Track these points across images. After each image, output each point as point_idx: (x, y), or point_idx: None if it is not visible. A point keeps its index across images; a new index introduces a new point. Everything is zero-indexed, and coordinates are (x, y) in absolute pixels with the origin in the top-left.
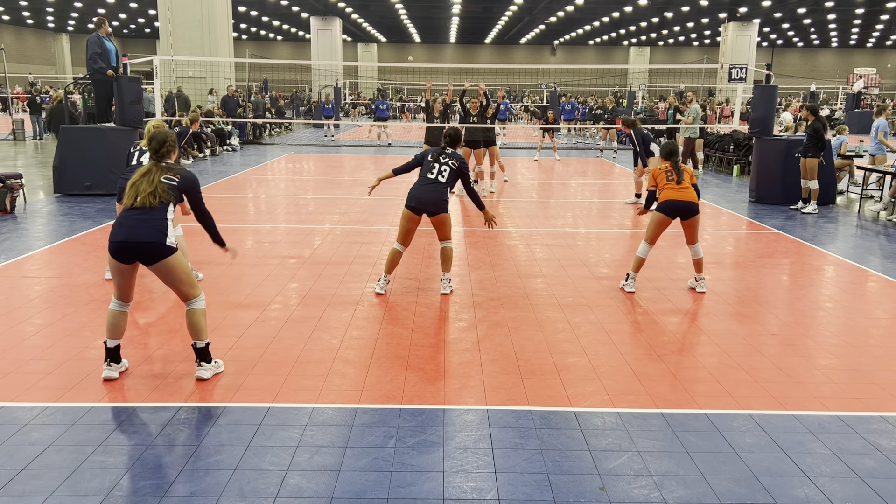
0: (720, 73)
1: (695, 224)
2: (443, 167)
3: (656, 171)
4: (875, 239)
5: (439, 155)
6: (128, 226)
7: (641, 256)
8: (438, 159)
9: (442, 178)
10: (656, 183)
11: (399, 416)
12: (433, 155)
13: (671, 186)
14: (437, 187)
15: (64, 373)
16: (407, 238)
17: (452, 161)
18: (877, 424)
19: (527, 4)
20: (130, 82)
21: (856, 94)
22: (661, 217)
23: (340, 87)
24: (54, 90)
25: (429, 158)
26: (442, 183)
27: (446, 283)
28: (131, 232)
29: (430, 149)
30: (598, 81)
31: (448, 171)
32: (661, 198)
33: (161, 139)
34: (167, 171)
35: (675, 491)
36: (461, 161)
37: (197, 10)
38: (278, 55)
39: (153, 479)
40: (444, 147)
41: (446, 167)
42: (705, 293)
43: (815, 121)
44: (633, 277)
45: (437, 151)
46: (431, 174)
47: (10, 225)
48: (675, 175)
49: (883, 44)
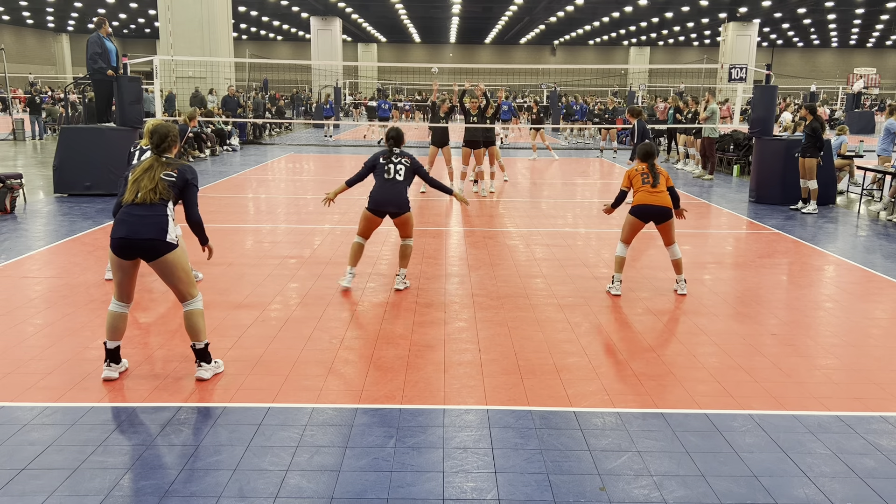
0: (720, 73)
1: (669, 227)
2: (398, 167)
3: (632, 173)
4: (875, 239)
5: (391, 156)
6: (129, 222)
7: (621, 255)
8: (391, 160)
9: (399, 177)
10: (630, 184)
11: (399, 416)
12: (384, 157)
13: (646, 190)
14: (398, 186)
15: (64, 373)
16: (367, 233)
17: (405, 159)
18: (877, 424)
19: (527, 4)
20: (130, 82)
21: (856, 94)
22: (633, 220)
23: (340, 87)
24: (54, 93)
25: (381, 161)
26: (401, 182)
27: (401, 278)
28: (133, 228)
29: (378, 152)
30: (598, 81)
31: (403, 169)
32: (635, 201)
33: (163, 133)
34: (167, 167)
35: (675, 491)
36: (412, 158)
37: (197, 10)
38: (278, 55)
39: (153, 479)
40: (391, 148)
41: (401, 166)
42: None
43: (814, 120)
44: (618, 280)
45: (386, 154)
46: (388, 174)
47: (10, 225)
48: (651, 178)
49: (883, 44)
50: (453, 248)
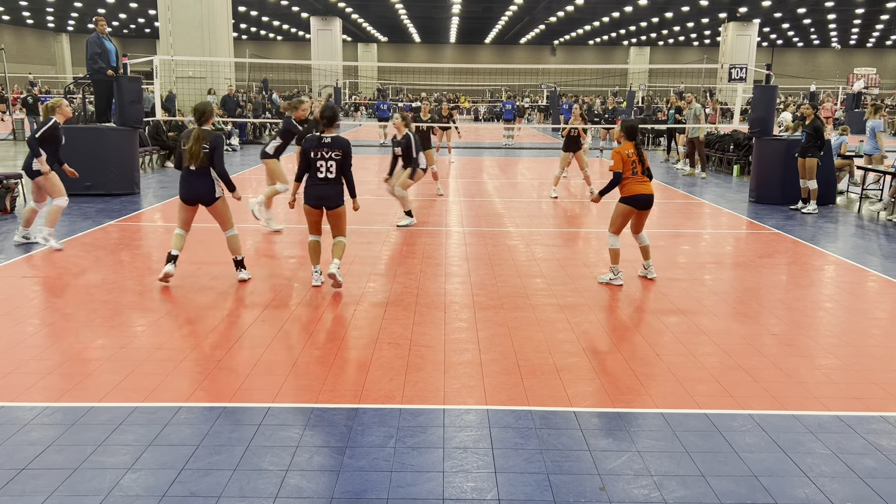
0: (720, 73)
1: (648, 214)
2: (329, 163)
3: (623, 156)
4: (875, 239)
5: (320, 149)
6: (186, 185)
7: (617, 247)
8: (320, 153)
9: (331, 175)
10: (623, 168)
11: (399, 416)
12: (314, 151)
13: (637, 180)
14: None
15: (64, 373)
16: (317, 228)
17: (335, 152)
18: (877, 424)
19: (527, 4)
20: (130, 82)
21: (856, 94)
22: (628, 210)
23: (340, 87)
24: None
25: (311, 156)
26: (332, 180)
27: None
28: (189, 188)
29: (308, 140)
30: (598, 81)
31: (334, 165)
32: (629, 191)
33: (201, 109)
34: (205, 140)
35: (675, 491)
36: (342, 149)
37: (197, 10)
38: (278, 55)
39: (153, 479)
40: (321, 134)
41: (332, 161)
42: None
43: (815, 119)
44: (619, 271)
45: (314, 145)
46: (321, 173)
47: (10, 225)
48: (640, 166)
49: (883, 44)
50: (453, 247)
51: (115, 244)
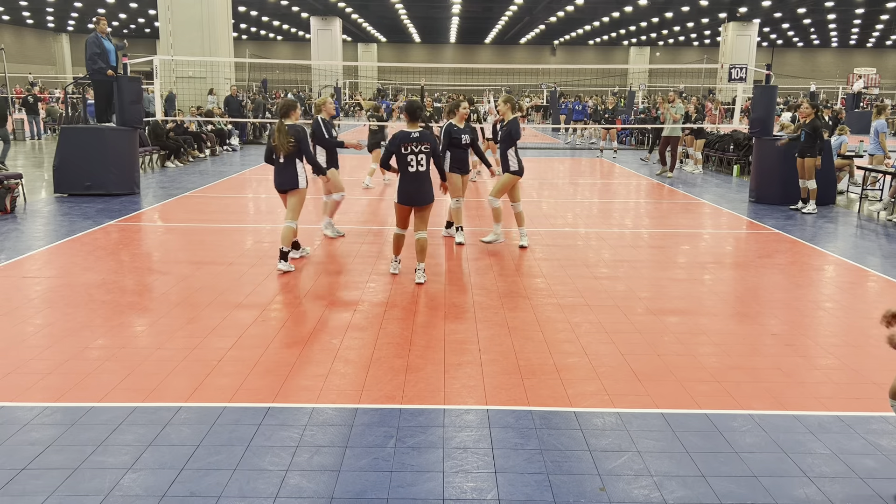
0: (720, 73)
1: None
2: (419, 157)
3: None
4: (875, 239)
5: (409, 143)
6: (277, 172)
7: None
8: (410, 147)
9: (422, 168)
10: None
11: (399, 416)
12: (404, 146)
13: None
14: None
15: (64, 373)
16: (405, 223)
17: (424, 146)
18: (877, 424)
19: (527, 4)
20: (130, 82)
21: (856, 94)
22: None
23: (340, 87)
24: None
25: (401, 151)
26: (423, 173)
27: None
28: (279, 178)
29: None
30: (598, 81)
31: (424, 157)
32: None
33: (283, 105)
34: (288, 134)
35: (675, 491)
36: (430, 142)
37: (197, 10)
38: (278, 55)
39: (153, 479)
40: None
41: (422, 154)
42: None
43: (815, 119)
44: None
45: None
46: (412, 167)
47: (10, 225)
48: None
49: (883, 44)
50: (453, 247)
51: (115, 244)
